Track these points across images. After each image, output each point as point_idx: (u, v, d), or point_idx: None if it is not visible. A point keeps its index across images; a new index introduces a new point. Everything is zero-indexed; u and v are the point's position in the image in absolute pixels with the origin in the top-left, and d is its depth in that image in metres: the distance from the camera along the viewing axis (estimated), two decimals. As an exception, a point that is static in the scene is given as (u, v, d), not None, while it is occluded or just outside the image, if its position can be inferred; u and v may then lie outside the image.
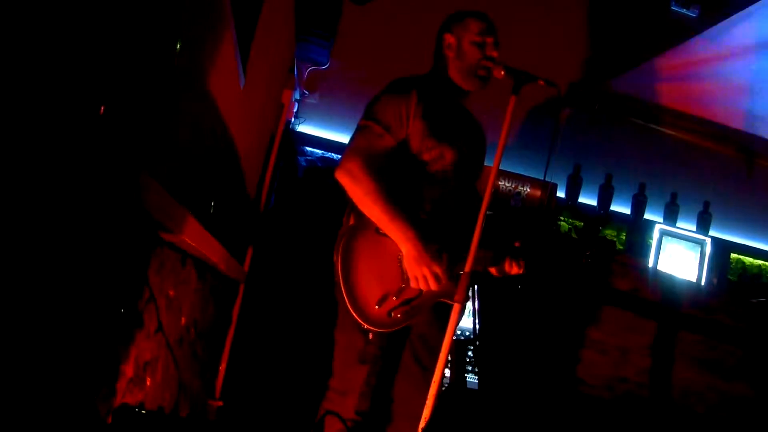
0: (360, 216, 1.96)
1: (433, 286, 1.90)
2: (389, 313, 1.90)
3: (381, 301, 1.89)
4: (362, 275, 1.90)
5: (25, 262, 0.99)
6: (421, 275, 1.90)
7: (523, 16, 4.84)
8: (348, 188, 1.94)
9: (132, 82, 1.27)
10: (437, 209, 2.04)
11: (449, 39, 2.13)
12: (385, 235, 1.93)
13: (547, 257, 2.21)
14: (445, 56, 2.13)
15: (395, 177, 1.97)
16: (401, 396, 2.07)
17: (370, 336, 1.95)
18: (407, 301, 1.93)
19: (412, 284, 1.92)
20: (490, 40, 2.10)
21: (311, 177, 4.61)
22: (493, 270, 2.13)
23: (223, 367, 3.64)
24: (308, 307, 4.04)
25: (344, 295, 1.87)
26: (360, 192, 1.91)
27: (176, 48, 1.47)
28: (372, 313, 1.88)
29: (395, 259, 1.94)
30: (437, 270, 1.90)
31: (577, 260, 2.13)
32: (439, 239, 1.96)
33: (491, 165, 1.98)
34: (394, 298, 1.91)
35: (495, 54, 2.09)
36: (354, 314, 1.86)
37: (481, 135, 2.23)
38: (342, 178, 1.94)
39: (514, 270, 2.09)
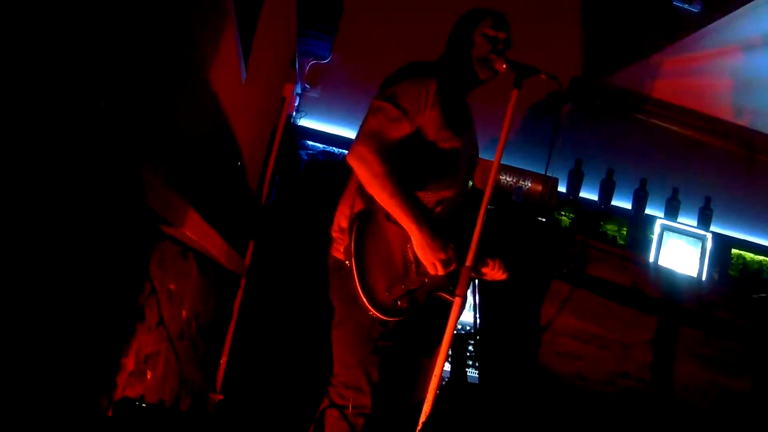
0: (368, 200, 1.95)
1: (440, 271, 1.93)
2: (396, 302, 1.90)
3: (390, 288, 1.89)
4: (373, 260, 1.88)
5: (25, 256, 0.99)
6: (430, 262, 1.92)
7: (525, 12, 4.83)
8: (357, 171, 1.93)
9: (133, 76, 1.27)
10: (444, 200, 2.05)
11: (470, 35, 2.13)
12: (393, 221, 1.92)
13: (546, 253, 2.25)
14: (462, 45, 2.14)
15: (407, 163, 1.95)
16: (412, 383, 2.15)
17: (383, 326, 1.95)
18: (410, 291, 1.94)
19: (430, 270, 1.93)
20: (502, 36, 2.12)
21: (312, 171, 4.60)
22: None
23: (224, 361, 3.64)
24: (309, 301, 4.04)
25: (356, 279, 1.84)
26: (368, 175, 1.90)
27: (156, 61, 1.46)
28: (382, 299, 1.87)
29: (402, 246, 1.94)
30: (444, 257, 1.92)
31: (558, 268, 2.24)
32: (445, 232, 1.96)
33: (492, 159, 1.99)
34: (402, 286, 1.91)
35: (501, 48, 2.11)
36: (363, 299, 1.84)
37: (474, 130, 2.24)
38: (352, 160, 1.94)
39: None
